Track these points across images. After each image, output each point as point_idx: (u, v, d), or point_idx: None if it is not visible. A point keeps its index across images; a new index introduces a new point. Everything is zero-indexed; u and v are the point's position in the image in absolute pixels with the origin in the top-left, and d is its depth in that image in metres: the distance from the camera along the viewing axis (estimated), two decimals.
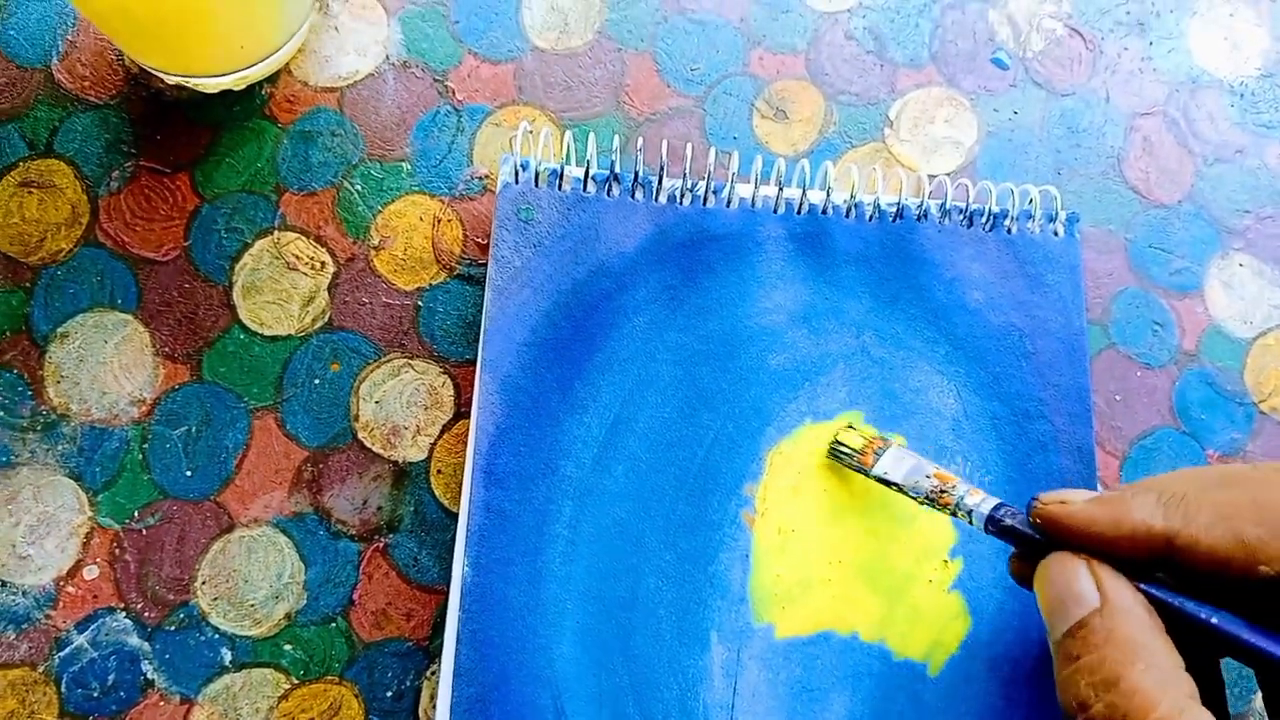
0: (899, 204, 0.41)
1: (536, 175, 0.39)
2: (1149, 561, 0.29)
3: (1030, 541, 0.31)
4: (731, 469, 0.38)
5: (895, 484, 0.36)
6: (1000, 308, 0.41)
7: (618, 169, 0.40)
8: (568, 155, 0.40)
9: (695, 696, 0.36)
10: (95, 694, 0.36)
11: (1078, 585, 0.29)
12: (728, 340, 0.39)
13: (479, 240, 0.41)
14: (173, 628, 0.37)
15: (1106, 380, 0.42)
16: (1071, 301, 0.41)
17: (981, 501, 0.33)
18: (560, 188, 0.39)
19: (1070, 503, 0.30)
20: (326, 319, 0.40)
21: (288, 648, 0.37)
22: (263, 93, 0.42)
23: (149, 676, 0.37)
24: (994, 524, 0.32)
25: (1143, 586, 0.29)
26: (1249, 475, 0.30)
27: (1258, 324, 0.44)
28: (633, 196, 0.40)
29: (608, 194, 0.40)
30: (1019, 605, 0.38)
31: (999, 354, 0.40)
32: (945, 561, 0.38)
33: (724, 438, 0.38)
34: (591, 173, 0.39)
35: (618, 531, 0.37)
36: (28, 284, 0.39)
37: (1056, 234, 0.42)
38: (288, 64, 0.42)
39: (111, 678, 0.37)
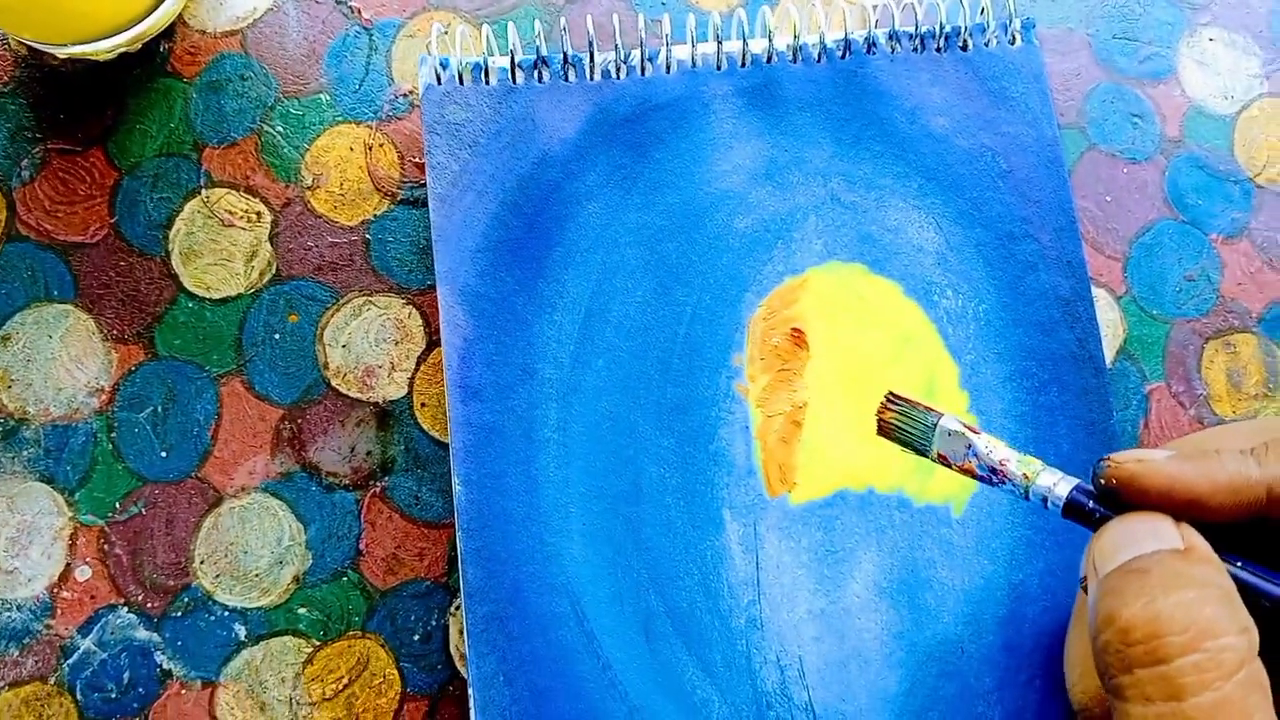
0: (845, 38, 0.39)
1: (459, 74, 0.37)
2: (1241, 525, 0.25)
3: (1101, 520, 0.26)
4: (715, 342, 0.36)
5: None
6: (968, 130, 0.38)
7: (544, 53, 0.37)
8: (489, 49, 0.37)
9: (718, 577, 0.34)
10: (113, 695, 0.35)
11: (1157, 526, 0.25)
12: (690, 211, 0.37)
13: (416, 160, 0.39)
14: (179, 613, 0.36)
15: (1093, 183, 0.40)
16: (1040, 111, 0.39)
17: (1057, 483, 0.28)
18: (486, 82, 0.37)
19: (1148, 460, 0.26)
20: (274, 270, 0.38)
21: (302, 611, 0.36)
22: (161, 50, 0.40)
23: (165, 667, 0.35)
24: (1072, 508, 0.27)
25: (1227, 557, 0.25)
26: None
27: (1239, 97, 0.42)
28: (565, 79, 0.37)
29: (538, 80, 0.37)
30: (1033, 432, 0.36)
31: (974, 178, 0.38)
32: (953, 395, 0.36)
33: (702, 311, 0.36)
34: (517, 60, 0.37)
35: (609, 426, 0.35)
36: None
37: (1014, 42, 0.39)
38: (180, 15, 0.40)
39: (126, 675, 0.35)
